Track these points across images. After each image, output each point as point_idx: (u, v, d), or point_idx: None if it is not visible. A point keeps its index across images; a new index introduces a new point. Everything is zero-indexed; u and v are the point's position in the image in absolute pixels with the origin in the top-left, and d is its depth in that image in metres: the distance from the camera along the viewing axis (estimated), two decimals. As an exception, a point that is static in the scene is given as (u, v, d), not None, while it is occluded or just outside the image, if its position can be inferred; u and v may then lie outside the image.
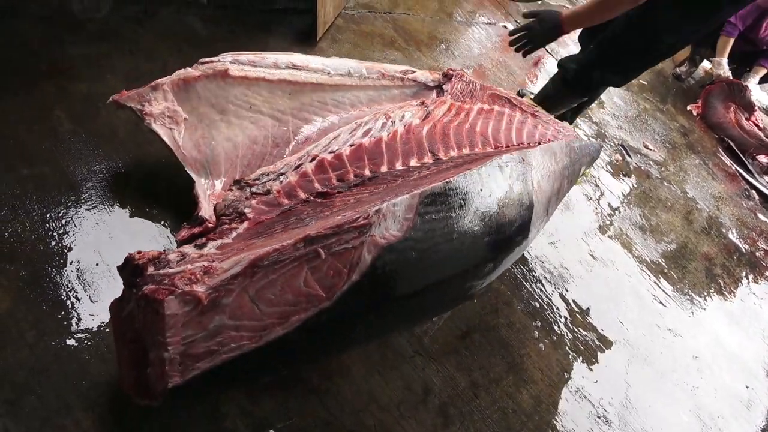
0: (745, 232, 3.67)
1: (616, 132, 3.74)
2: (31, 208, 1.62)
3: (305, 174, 1.62)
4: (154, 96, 1.61)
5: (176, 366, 1.08)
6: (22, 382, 1.35)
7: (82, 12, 2.14)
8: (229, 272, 1.09)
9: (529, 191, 1.62)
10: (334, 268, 1.19)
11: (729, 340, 2.78)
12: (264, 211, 1.52)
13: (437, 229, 1.32)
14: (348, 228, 1.18)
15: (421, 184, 1.40)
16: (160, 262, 1.14)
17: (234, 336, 1.14)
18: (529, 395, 2.00)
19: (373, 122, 1.85)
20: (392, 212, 1.24)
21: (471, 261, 1.46)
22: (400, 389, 1.77)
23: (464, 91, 2.14)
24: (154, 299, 1.03)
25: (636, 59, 2.37)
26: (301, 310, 1.18)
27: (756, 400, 2.57)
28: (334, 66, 1.90)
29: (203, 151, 1.71)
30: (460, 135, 1.93)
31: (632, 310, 2.60)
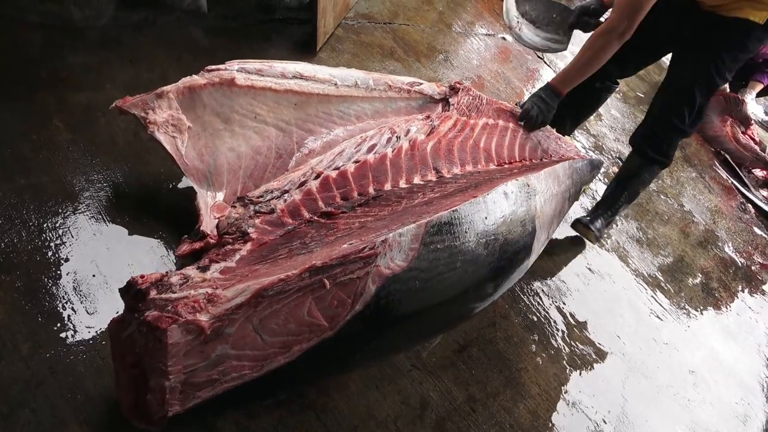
0: (741, 245, 3.68)
1: (613, 144, 3.75)
2: (28, 218, 1.61)
3: (309, 192, 1.60)
4: (158, 104, 1.59)
5: (177, 394, 1.08)
6: (17, 396, 1.34)
7: (83, 20, 2.13)
8: (234, 301, 1.08)
9: (532, 216, 1.63)
10: (338, 299, 1.19)
11: (725, 354, 2.78)
12: (267, 231, 1.51)
13: (441, 258, 1.32)
14: (354, 258, 1.17)
15: (426, 211, 1.40)
16: (163, 285, 1.13)
17: (236, 365, 1.13)
18: (526, 410, 1.99)
19: (378, 137, 1.84)
20: (398, 242, 1.23)
21: (473, 286, 1.46)
22: (397, 404, 1.76)
23: (470, 105, 2.14)
24: (156, 327, 1.02)
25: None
26: (304, 340, 1.18)
27: (752, 415, 2.57)
28: (342, 77, 1.88)
29: (206, 160, 1.69)
30: (464, 151, 1.93)
31: (629, 323, 2.60)
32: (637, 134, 2.48)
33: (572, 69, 2.19)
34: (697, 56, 2.08)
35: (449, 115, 2.04)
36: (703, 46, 2.04)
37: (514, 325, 2.22)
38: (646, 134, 2.42)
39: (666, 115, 2.30)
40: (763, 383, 2.75)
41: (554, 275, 2.55)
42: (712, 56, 2.04)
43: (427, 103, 2.12)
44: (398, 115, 2.04)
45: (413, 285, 1.27)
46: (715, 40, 2.02)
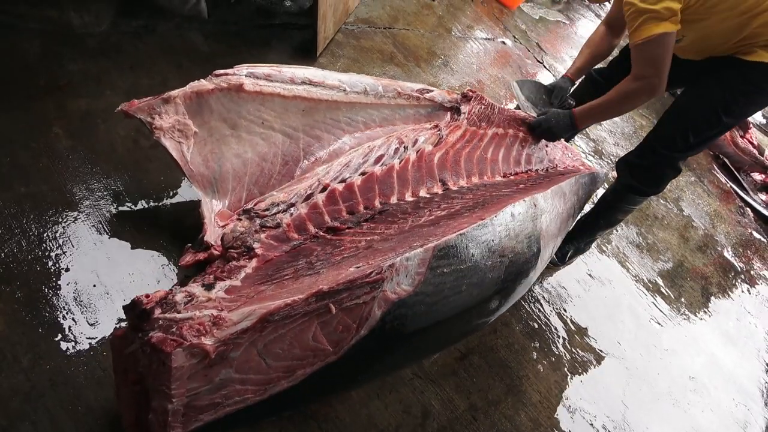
0: (740, 250, 3.68)
1: (612, 149, 3.75)
2: (28, 228, 1.60)
3: (315, 206, 1.59)
4: (164, 109, 1.55)
5: (179, 417, 1.07)
6: (17, 408, 1.32)
7: (82, 26, 2.12)
8: (239, 326, 1.07)
9: (537, 237, 1.62)
10: (343, 324, 1.18)
11: (725, 359, 2.78)
12: (273, 246, 1.49)
13: (447, 282, 1.31)
14: (360, 283, 1.16)
15: (433, 233, 1.39)
16: (167, 303, 1.12)
17: (239, 389, 1.12)
18: (527, 417, 1.99)
19: (386, 147, 1.82)
20: (405, 266, 1.22)
21: (477, 305, 1.46)
22: (399, 413, 1.75)
23: (481, 115, 2.11)
24: (161, 350, 1.01)
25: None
26: (308, 365, 1.17)
27: (752, 421, 2.57)
28: (351, 83, 1.85)
29: (211, 167, 1.67)
30: (471, 162, 1.92)
31: (629, 329, 2.60)
32: (625, 160, 2.33)
33: (596, 109, 2.09)
34: (709, 91, 2.02)
35: (458, 125, 2.01)
36: (717, 82, 1.99)
37: (515, 332, 2.22)
38: (633, 162, 2.27)
39: (659, 144, 2.17)
40: (762, 389, 2.75)
41: (555, 281, 2.55)
42: (725, 93, 1.97)
43: (436, 111, 2.10)
44: (406, 123, 2.02)
45: (418, 309, 1.27)
46: (731, 79, 1.96)
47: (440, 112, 2.11)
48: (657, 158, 2.16)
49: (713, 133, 2.09)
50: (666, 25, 1.75)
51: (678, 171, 2.19)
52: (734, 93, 1.97)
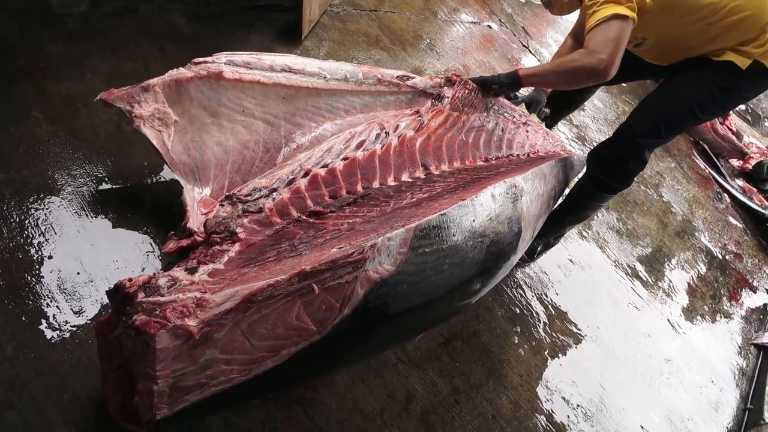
0: (716, 235, 3.77)
1: (595, 135, 3.79)
2: (9, 215, 1.58)
3: (298, 191, 1.60)
4: (144, 97, 1.54)
5: (165, 398, 1.08)
6: (2, 397, 1.32)
7: (61, 6, 2.07)
8: (223, 307, 1.08)
9: (518, 217, 1.64)
10: (326, 303, 1.19)
11: (700, 342, 2.86)
12: (256, 230, 1.50)
13: (429, 262, 1.32)
14: (343, 263, 1.18)
15: (415, 214, 1.40)
16: (151, 287, 1.13)
17: (224, 369, 1.13)
18: (508, 400, 2.04)
19: (367, 133, 1.82)
20: (387, 246, 1.24)
21: (459, 286, 1.47)
22: (383, 397, 1.79)
23: (465, 100, 2.11)
24: (145, 332, 1.02)
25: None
26: (292, 344, 1.19)
27: (723, 402, 2.66)
28: (331, 70, 1.85)
29: (193, 155, 1.66)
30: (453, 148, 1.93)
31: (608, 314, 2.66)
32: (595, 151, 2.32)
33: (542, 74, 2.08)
34: (687, 87, 2.04)
35: (441, 110, 2.02)
36: (695, 79, 2.01)
37: (497, 317, 2.26)
38: (602, 153, 2.27)
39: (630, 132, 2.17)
40: (735, 371, 2.85)
41: (536, 266, 2.60)
42: (701, 91, 2.00)
43: (417, 98, 2.10)
44: (387, 109, 2.03)
45: (401, 288, 1.28)
46: (707, 78, 1.99)
47: (421, 99, 2.12)
48: (625, 147, 2.18)
49: (684, 127, 2.14)
50: (622, 8, 1.76)
51: (644, 163, 2.21)
52: (710, 92, 2.00)
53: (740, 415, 2.66)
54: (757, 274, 3.67)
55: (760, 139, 5.16)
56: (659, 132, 2.09)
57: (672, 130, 2.12)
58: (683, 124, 2.13)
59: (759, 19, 1.82)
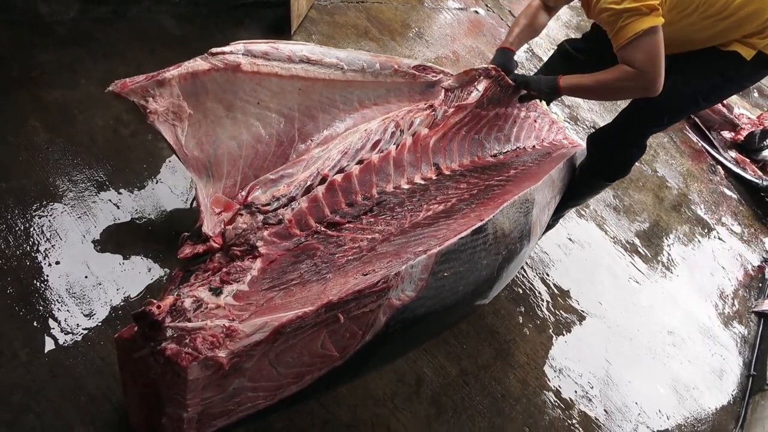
0: (712, 207, 3.80)
1: (587, 114, 3.81)
2: (14, 223, 1.60)
3: (315, 198, 1.59)
4: (159, 91, 1.48)
5: (194, 424, 1.10)
6: (20, 402, 1.34)
7: (50, 14, 2.07)
8: (252, 338, 1.08)
9: (529, 230, 1.69)
10: (350, 331, 1.22)
11: (701, 313, 2.90)
12: (276, 243, 1.50)
13: (447, 285, 1.37)
14: (368, 293, 1.19)
15: (434, 236, 1.43)
16: (177, 311, 1.14)
17: (251, 396, 1.16)
18: (516, 379, 2.07)
19: (382, 132, 1.81)
20: (409, 273, 1.26)
21: (471, 300, 1.53)
22: (393, 382, 1.82)
23: (493, 98, 2.03)
24: (176, 363, 1.02)
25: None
26: (316, 370, 1.22)
27: (727, 369, 2.70)
28: (348, 60, 1.81)
29: (206, 150, 1.61)
30: (464, 146, 1.95)
31: (609, 289, 2.69)
32: (595, 137, 2.30)
33: (584, 88, 2.02)
34: (691, 77, 2.02)
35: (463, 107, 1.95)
36: (699, 69, 1.99)
37: (501, 298, 2.28)
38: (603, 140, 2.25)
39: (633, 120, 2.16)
40: (737, 339, 2.89)
41: (537, 248, 2.62)
42: (705, 81, 2.00)
43: (431, 88, 2.08)
44: (401, 101, 2.01)
45: (419, 312, 1.32)
46: (711, 68, 1.98)
47: (435, 89, 2.08)
48: (628, 136, 2.18)
49: (686, 115, 2.17)
50: (650, 20, 1.70)
51: (644, 149, 2.23)
52: (714, 81, 2.00)
53: (744, 382, 2.71)
54: (754, 243, 3.71)
55: (751, 110, 5.20)
56: (662, 120, 2.11)
57: (675, 118, 2.16)
58: (686, 113, 2.19)
59: (764, 12, 1.81)
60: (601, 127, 2.31)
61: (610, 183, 2.41)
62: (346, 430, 1.65)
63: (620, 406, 2.23)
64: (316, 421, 1.62)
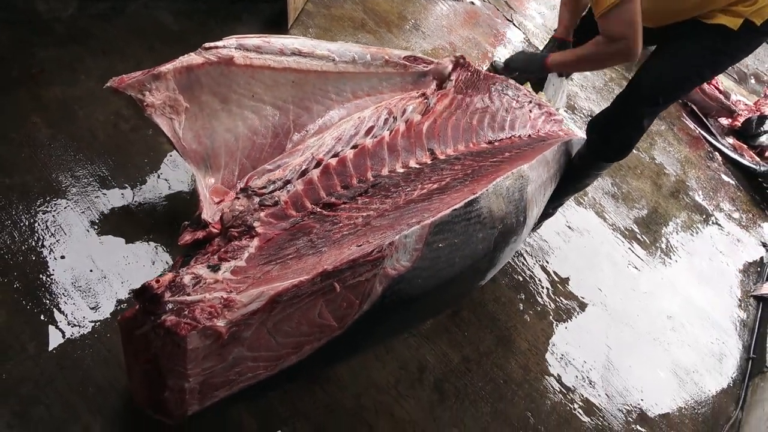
0: (710, 193, 3.82)
1: (584, 103, 3.82)
2: (18, 219, 1.62)
3: (311, 181, 1.62)
4: (155, 85, 1.52)
5: (196, 394, 1.12)
6: (29, 394, 1.37)
7: (48, 12, 2.09)
8: (249, 307, 1.11)
9: (525, 206, 1.70)
10: (347, 300, 1.23)
11: (700, 298, 2.92)
12: (272, 224, 1.52)
13: (442, 256, 1.38)
14: (363, 262, 1.21)
15: (427, 209, 1.44)
16: (176, 286, 1.16)
17: (251, 366, 1.18)
18: (518, 365, 2.10)
19: (375, 119, 1.84)
20: (403, 243, 1.28)
21: (469, 275, 1.54)
22: (396, 369, 1.84)
23: (468, 82, 2.13)
24: (176, 333, 1.04)
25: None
26: (315, 340, 1.23)
27: (727, 353, 2.73)
28: (339, 52, 1.85)
29: (203, 142, 1.66)
30: (458, 131, 1.97)
31: (609, 276, 2.71)
32: (596, 121, 2.32)
33: (569, 62, 2.12)
34: (682, 53, 2.03)
35: (446, 94, 2.03)
36: (689, 45, 1.99)
37: (501, 286, 2.31)
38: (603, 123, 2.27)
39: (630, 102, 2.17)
40: (736, 323, 2.91)
41: (536, 235, 2.64)
42: (696, 56, 2.00)
43: (423, 78, 2.12)
44: (393, 91, 2.04)
45: (416, 283, 1.34)
46: (701, 43, 1.97)
47: (427, 79, 2.13)
48: (625, 116, 2.19)
49: (683, 93, 2.17)
50: None
51: (642, 131, 2.23)
52: (704, 56, 2.00)
53: (744, 365, 2.73)
54: (752, 228, 3.73)
55: (747, 97, 5.21)
56: (657, 100, 2.11)
57: (670, 96, 2.14)
58: (681, 91, 2.16)
59: None
60: (600, 111, 2.33)
61: (610, 164, 2.42)
62: (351, 416, 1.68)
63: (621, 391, 2.26)
64: (319, 407, 1.64)
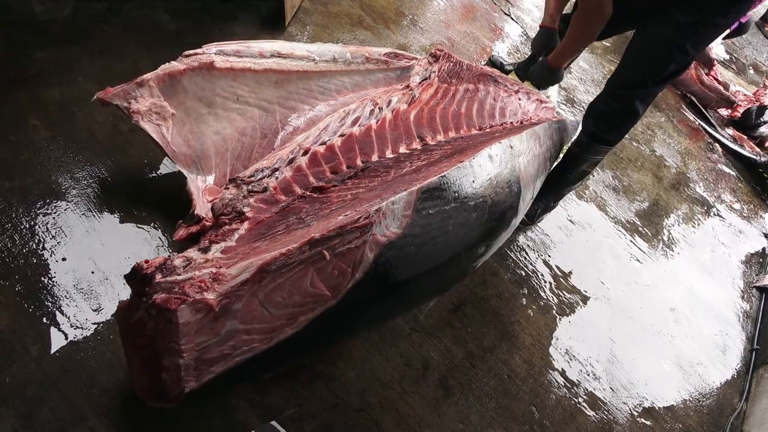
0: (711, 184, 3.81)
1: (583, 96, 3.81)
2: (19, 222, 1.61)
3: (299, 168, 1.63)
4: (140, 92, 1.58)
5: (191, 371, 1.11)
6: (33, 396, 1.37)
7: (44, 13, 2.07)
8: (238, 278, 1.11)
9: (517, 177, 1.68)
10: (338, 269, 1.23)
11: (703, 290, 2.92)
12: (263, 209, 1.53)
13: (434, 223, 1.36)
14: (350, 228, 1.21)
15: (416, 179, 1.44)
16: (167, 268, 1.16)
17: (246, 339, 1.17)
18: (522, 360, 2.09)
19: (361, 110, 1.86)
20: (391, 210, 1.27)
21: (465, 247, 1.52)
22: (400, 366, 1.83)
23: (451, 72, 2.16)
24: (166, 308, 1.05)
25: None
26: (309, 311, 1.22)
27: (731, 344, 2.72)
28: (319, 52, 1.88)
29: (193, 146, 1.70)
30: (446, 118, 1.96)
31: (611, 269, 2.71)
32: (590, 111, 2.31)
33: (563, 46, 2.19)
34: (661, 31, 2.00)
35: (431, 83, 2.06)
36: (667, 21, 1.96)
37: (503, 281, 2.30)
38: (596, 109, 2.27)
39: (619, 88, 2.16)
40: (739, 314, 2.91)
41: (538, 229, 2.64)
42: (675, 31, 1.96)
43: (406, 73, 2.13)
44: (377, 87, 2.05)
45: (409, 250, 1.32)
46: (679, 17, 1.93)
47: (411, 74, 2.15)
48: (615, 101, 2.17)
49: (668, 72, 2.08)
50: None
51: (636, 115, 2.20)
52: (681, 29, 1.96)
53: (747, 356, 2.73)
54: (754, 219, 3.73)
55: (747, 87, 5.20)
56: (645, 82, 2.08)
57: (657, 77, 2.09)
58: (665, 70, 2.07)
59: None
60: (594, 99, 2.32)
61: (606, 147, 2.38)
62: (356, 413, 1.67)
63: (625, 384, 2.26)
64: (325, 405, 1.64)
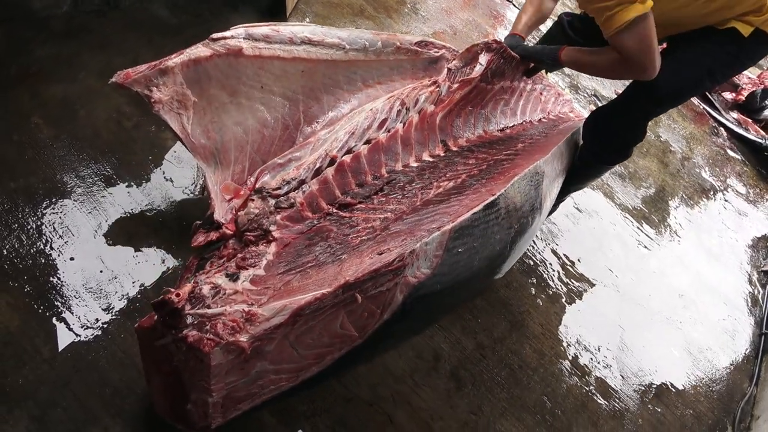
0: (716, 169, 3.79)
1: (588, 83, 3.77)
2: (25, 222, 1.59)
3: (325, 180, 1.60)
4: (162, 80, 1.46)
5: (219, 408, 1.12)
6: (46, 397, 1.36)
7: (43, 9, 2.04)
8: (272, 322, 1.09)
9: (540, 201, 1.69)
10: (368, 310, 1.23)
11: (710, 275, 2.91)
12: (289, 227, 1.50)
13: (461, 261, 1.37)
14: (384, 272, 1.19)
15: (446, 212, 1.43)
16: (196, 297, 1.14)
17: (274, 379, 1.17)
18: (532, 350, 2.09)
19: (388, 111, 1.80)
20: (424, 251, 1.26)
21: (486, 274, 1.55)
22: (411, 359, 1.83)
23: (497, 71, 2.02)
24: (199, 349, 1.03)
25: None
26: (336, 350, 1.23)
27: (740, 329, 2.72)
28: (350, 40, 1.78)
29: (213, 137, 1.59)
30: (471, 121, 1.94)
31: (619, 256, 2.70)
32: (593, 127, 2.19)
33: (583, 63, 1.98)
34: (693, 58, 1.93)
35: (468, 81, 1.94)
36: (701, 50, 1.91)
37: (512, 271, 2.29)
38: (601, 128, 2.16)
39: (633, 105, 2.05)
40: (747, 299, 2.90)
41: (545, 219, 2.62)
42: (708, 61, 1.91)
43: (433, 64, 2.05)
44: (404, 78, 1.99)
45: (435, 288, 1.33)
46: (710, 45, 1.89)
47: (438, 65, 2.06)
48: (627, 120, 2.10)
49: (690, 95, 2.08)
50: (638, 8, 1.62)
51: (643, 134, 2.14)
52: (717, 57, 1.92)
53: (756, 341, 2.72)
54: (760, 203, 3.71)
55: (751, 70, 5.15)
56: (664, 105, 2.06)
57: (677, 101, 2.08)
58: (690, 94, 2.09)
59: None
60: (599, 108, 2.23)
61: (611, 167, 2.35)
62: (368, 407, 1.67)
63: (636, 371, 2.25)
64: (338, 400, 1.64)
